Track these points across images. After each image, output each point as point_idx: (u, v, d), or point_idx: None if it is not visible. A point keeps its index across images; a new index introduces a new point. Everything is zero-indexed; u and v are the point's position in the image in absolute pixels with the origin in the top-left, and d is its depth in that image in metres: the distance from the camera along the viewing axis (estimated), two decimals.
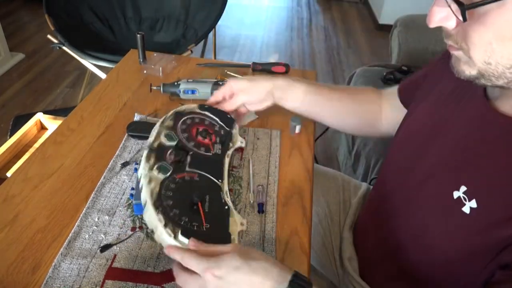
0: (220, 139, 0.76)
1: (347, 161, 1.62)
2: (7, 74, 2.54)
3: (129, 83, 1.05)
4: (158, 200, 0.59)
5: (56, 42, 1.78)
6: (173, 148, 0.69)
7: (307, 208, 0.72)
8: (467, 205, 0.52)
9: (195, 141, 0.73)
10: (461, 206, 0.52)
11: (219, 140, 0.76)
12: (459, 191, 0.53)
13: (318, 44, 3.25)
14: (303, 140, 0.88)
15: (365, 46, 3.25)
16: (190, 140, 0.73)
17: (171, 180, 0.63)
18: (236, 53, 3.05)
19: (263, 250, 0.63)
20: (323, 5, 4.10)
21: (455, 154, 0.56)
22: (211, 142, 0.74)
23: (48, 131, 1.75)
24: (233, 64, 1.24)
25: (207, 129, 0.76)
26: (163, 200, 0.59)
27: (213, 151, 0.73)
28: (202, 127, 0.76)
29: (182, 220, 0.58)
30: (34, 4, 3.42)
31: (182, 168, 0.67)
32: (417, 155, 0.63)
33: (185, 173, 0.66)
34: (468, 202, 0.52)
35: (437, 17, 0.48)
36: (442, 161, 0.58)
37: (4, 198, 0.70)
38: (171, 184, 0.63)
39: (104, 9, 2.09)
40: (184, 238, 0.55)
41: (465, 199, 0.52)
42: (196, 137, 0.74)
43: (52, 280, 0.57)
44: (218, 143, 0.75)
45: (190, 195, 0.62)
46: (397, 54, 1.80)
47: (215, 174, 0.68)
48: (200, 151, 0.72)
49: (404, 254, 0.64)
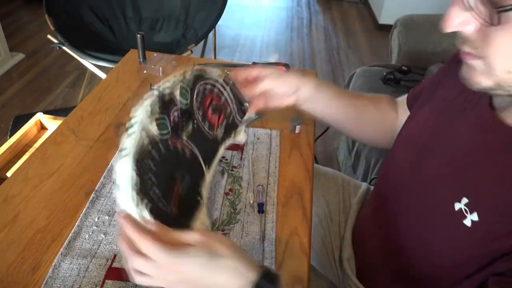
0: (226, 124, 0.66)
1: (347, 161, 1.62)
2: (7, 74, 2.54)
3: (129, 83, 1.05)
4: (142, 158, 0.49)
5: (56, 42, 1.78)
6: (180, 108, 0.58)
7: (307, 208, 0.72)
8: (468, 217, 0.50)
9: (204, 112, 0.62)
10: (462, 218, 0.51)
11: (224, 125, 0.66)
12: (460, 202, 0.51)
13: (318, 44, 3.25)
14: (303, 140, 0.88)
15: (365, 46, 3.25)
16: (201, 108, 0.61)
17: (164, 143, 0.53)
18: (236, 53, 3.05)
19: (263, 250, 0.63)
20: (323, 5, 4.10)
21: (457, 165, 0.54)
22: (218, 122, 0.64)
23: (48, 131, 1.74)
24: (233, 64, 1.24)
25: (220, 107, 0.65)
26: (147, 158, 0.49)
27: (216, 133, 0.64)
28: (217, 101, 0.65)
29: (154, 191, 0.49)
30: (34, 4, 3.42)
31: (179, 134, 0.57)
32: (418, 162, 0.62)
33: (180, 142, 0.56)
34: (469, 214, 0.50)
35: (456, 21, 0.44)
36: (444, 171, 0.56)
37: (4, 198, 0.70)
38: (162, 147, 0.53)
39: (104, 9, 2.09)
40: (146, 212, 0.47)
41: (466, 211, 0.51)
42: (206, 109, 0.62)
43: (52, 280, 0.57)
44: (222, 127, 0.65)
45: (173, 169, 0.53)
46: (397, 54, 1.80)
47: (206, 159, 0.60)
48: (204, 126, 0.62)
49: (403, 258, 0.64)
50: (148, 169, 0.49)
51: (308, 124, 0.92)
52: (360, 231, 0.84)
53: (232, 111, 0.68)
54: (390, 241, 0.68)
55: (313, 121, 0.94)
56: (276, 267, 0.61)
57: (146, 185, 0.48)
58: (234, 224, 0.68)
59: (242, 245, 0.64)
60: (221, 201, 0.72)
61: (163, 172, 0.51)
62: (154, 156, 0.50)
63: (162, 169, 0.51)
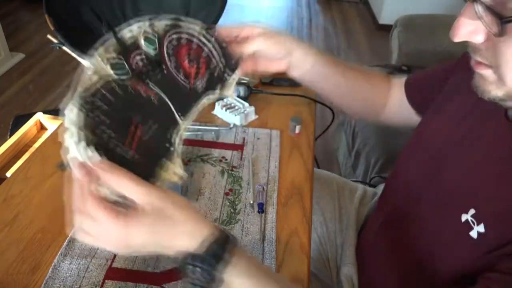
0: (209, 76, 0.61)
1: (347, 161, 1.62)
2: (7, 74, 2.54)
3: None
4: (90, 96, 0.46)
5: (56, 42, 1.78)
6: (147, 56, 0.55)
7: (307, 208, 0.72)
8: (474, 229, 0.49)
9: (178, 62, 0.59)
10: (469, 230, 0.50)
11: (207, 77, 0.61)
12: (467, 214, 0.51)
13: (318, 44, 3.25)
14: (303, 140, 0.88)
15: (365, 46, 3.25)
16: (172, 58, 0.58)
17: (122, 85, 0.50)
18: None
19: (263, 251, 0.63)
20: (323, 5, 4.10)
21: (468, 176, 0.54)
22: (196, 72, 0.60)
23: (48, 131, 1.75)
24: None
25: (199, 57, 0.61)
26: (98, 99, 0.47)
27: (192, 84, 0.59)
28: (196, 53, 0.61)
29: (105, 132, 0.46)
30: (34, 4, 3.42)
31: (143, 79, 0.54)
32: (435, 169, 0.60)
33: (144, 87, 0.53)
34: (476, 226, 0.49)
35: (464, 31, 0.44)
36: (457, 179, 0.56)
37: (4, 198, 0.70)
38: (119, 88, 0.50)
39: (104, 9, 2.09)
40: (94, 152, 0.43)
41: (473, 222, 0.50)
42: (181, 59, 0.59)
43: (52, 280, 0.57)
44: (203, 79, 0.60)
45: (134, 112, 0.50)
46: (397, 54, 1.80)
47: (179, 107, 0.56)
48: (178, 76, 0.58)
49: (409, 276, 0.63)
50: (96, 107, 0.46)
51: (308, 124, 0.92)
52: (364, 248, 0.82)
53: (219, 64, 0.63)
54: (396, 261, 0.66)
55: (313, 121, 0.94)
56: (276, 267, 0.61)
57: (93, 122, 0.45)
58: (234, 224, 0.68)
59: (242, 245, 0.64)
60: (221, 201, 0.72)
61: (117, 113, 0.48)
62: (106, 96, 0.48)
63: (116, 110, 0.48)
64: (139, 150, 0.48)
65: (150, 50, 0.56)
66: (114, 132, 0.46)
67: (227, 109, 0.91)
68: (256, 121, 0.93)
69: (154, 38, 0.56)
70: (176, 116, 0.55)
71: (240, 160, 0.81)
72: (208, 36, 0.62)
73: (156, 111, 0.53)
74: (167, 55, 0.57)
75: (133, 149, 0.47)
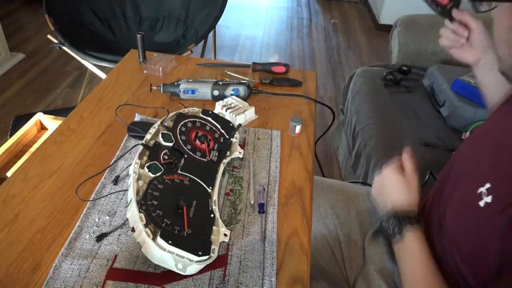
0: (218, 146, 0.76)
1: (347, 161, 1.62)
2: (7, 74, 2.54)
3: (129, 83, 1.05)
4: (143, 199, 0.59)
5: (56, 42, 1.78)
6: (168, 149, 0.69)
7: (307, 208, 0.72)
8: (483, 200, 0.54)
9: (192, 144, 0.73)
10: (478, 200, 0.54)
11: (217, 147, 0.76)
12: (483, 187, 0.55)
13: (318, 44, 3.25)
14: (303, 140, 0.88)
15: (365, 46, 3.25)
16: (187, 143, 0.73)
17: (160, 180, 0.63)
18: (236, 53, 3.05)
19: (263, 251, 0.63)
20: (323, 5, 4.10)
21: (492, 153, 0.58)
22: (208, 148, 0.74)
23: (48, 131, 1.74)
24: (233, 64, 1.24)
25: (206, 135, 0.76)
26: (149, 199, 0.59)
27: (209, 158, 0.73)
28: (202, 132, 0.76)
29: (164, 222, 0.57)
30: (34, 4, 3.42)
31: (174, 170, 0.67)
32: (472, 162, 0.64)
33: (175, 176, 0.66)
34: (486, 197, 0.54)
35: None
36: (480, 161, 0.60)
37: (4, 198, 0.70)
38: (159, 184, 0.63)
39: (104, 9, 2.09)
40: (163, 241, 0.54)
41: (485, 194, 0.54)
42: (194, 141, 0.74)
43: (53, 280, 0.57)
44: (215, 150, 0.75)
45: (177, 198, 0.61)
46: (397, 54, 1.79)
47: (206, 181, 0.68)
48: (196, 155, 0.72)
49: None
50: (152, 206, 0.59)
51: (308, 124, 0.92)
52: None
53: (220, 134, 0.79)
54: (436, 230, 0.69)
55: (313, 121, 0.94)
56: (277, 267, 0.61)
57: (156, 220, 0.57)
58: (235, 224, 0.68)
59: (242, 246, 0.64)
60: (221, 202, 0.72)
61: (167, 204, 0.61)
62: (154, 195, 0.61)
63: (165, 202, 0.61)
64: (190, 226, 0.59)
65: (169, 143, 0.70)
66: (170, 220, 0.58)
67: (228, 109, 0.91)
68: (256, 121, 0.93)
69: (168, 134, 0.71)
70: (207, 188, 0.67)
71: (241, 161, 0.81)
72: (205, 115, 0.80)
73: (192, 190, 0.65)
74: (182, 142, 0.72)
75: (186, 227, 0.58)
